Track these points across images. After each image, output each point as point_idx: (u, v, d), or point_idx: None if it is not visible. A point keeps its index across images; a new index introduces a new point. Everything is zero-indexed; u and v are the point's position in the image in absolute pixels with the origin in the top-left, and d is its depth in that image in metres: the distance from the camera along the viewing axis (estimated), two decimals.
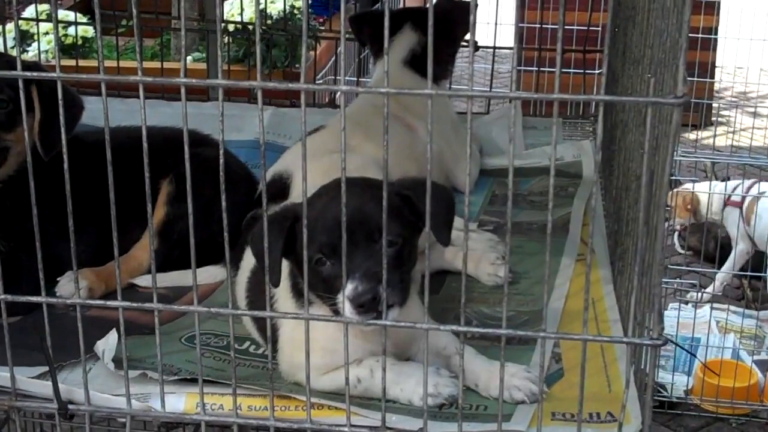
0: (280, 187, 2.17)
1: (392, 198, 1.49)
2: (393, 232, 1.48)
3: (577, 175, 2.63)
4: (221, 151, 1.27)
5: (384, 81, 1.21)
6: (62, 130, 1.30)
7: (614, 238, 2.08)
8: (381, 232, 1.37)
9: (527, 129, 2.89)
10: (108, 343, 1.69)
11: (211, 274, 2.11)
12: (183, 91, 1.24)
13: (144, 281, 2.09)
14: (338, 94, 3.35)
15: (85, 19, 3.89)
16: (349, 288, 1.42)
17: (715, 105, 6.16)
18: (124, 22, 3.51)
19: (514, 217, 2.52)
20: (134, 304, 1.41)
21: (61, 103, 1.29)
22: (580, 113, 2.99)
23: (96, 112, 1.62)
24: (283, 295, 1.63)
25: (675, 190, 4.41)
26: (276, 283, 1.50)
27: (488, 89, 3.07)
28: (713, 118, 6.23)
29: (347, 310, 1.43)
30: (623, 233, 1.87)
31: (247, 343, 1.83)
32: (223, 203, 1.29)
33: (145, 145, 1.28)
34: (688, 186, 4.44)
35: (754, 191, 4.27)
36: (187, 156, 1.25)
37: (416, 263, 1.59)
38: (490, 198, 2.55)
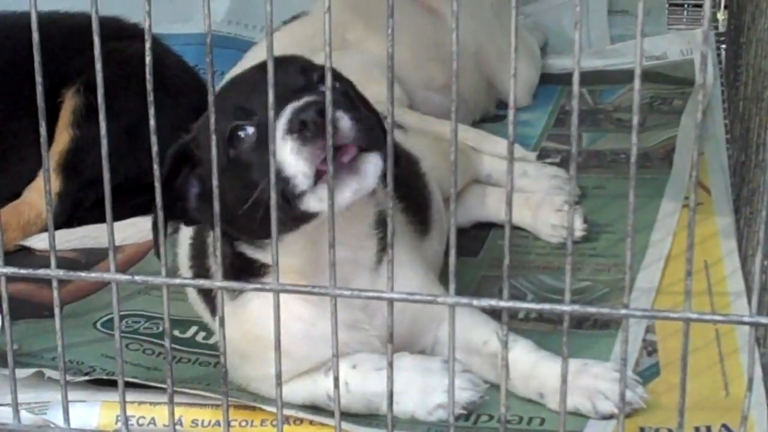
0: None
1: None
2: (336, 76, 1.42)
3: (687, 80, 2.61)
4: (147, 43, 1.24)
5: None
6: None
7: (740, 173, 2.07)
8: (319, 76, 1.39)
9: (615, 14, 2.88)
10: None
11: (140, 230, 2.11)
12: None
13: (42, 242, 2.10)
14: None
15: None
16: (288, 111, 1.37)
17: None
18: None
19: (592, 142, 2.52)
20: (23, 270, 1.40)
21: None
22: None
23: None
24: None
25: None
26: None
27: None
28: None
29: (288, 149, 1.36)
30: (752, 165, 1.86)
31: (193, 330, 1.84)
32: (152, 122, 1.26)
33: (35, 36, 1.26)
34: None
35: None
36: (97, 50, 1.23)
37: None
38: (556, 116, 2.55)
